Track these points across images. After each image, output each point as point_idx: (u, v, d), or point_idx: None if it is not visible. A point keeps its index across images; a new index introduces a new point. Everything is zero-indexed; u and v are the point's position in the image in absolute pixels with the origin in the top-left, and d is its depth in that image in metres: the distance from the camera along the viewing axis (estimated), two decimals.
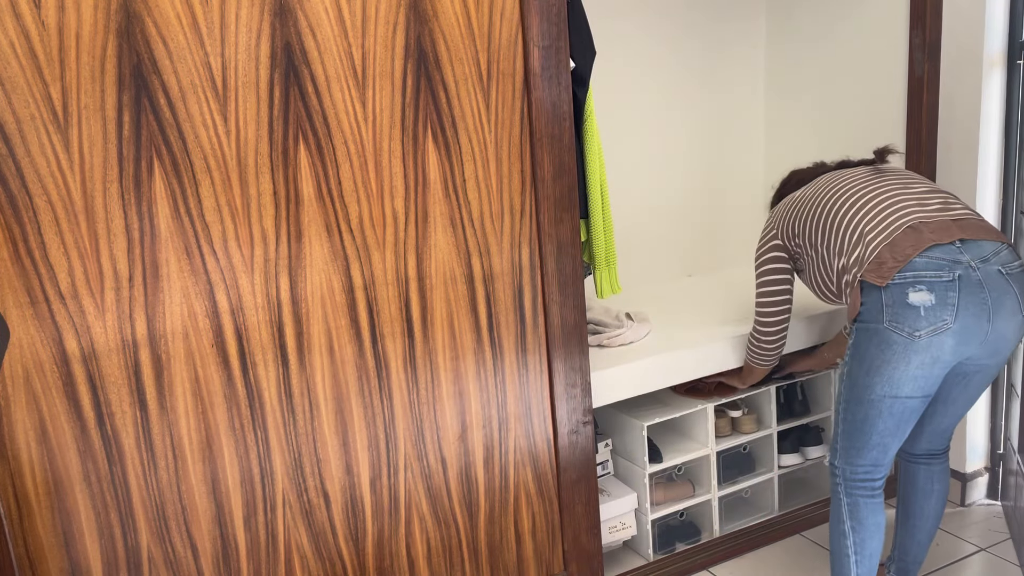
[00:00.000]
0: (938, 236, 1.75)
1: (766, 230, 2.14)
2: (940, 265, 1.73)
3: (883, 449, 1.85)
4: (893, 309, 1.74)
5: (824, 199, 1.98)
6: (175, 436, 1.65)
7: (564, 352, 1.98)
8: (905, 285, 1.74)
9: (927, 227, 1.77)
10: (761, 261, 2.13)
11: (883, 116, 2.55)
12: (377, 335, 1.79)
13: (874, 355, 1.79)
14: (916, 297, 1.72)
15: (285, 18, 1.58)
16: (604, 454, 2.40)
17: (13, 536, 1.57)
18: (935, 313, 1.72)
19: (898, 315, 1.74)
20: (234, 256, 1.64)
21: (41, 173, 1.47)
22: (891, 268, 1.75)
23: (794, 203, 2.08)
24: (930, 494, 2.02)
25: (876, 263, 1.78)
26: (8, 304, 1.49)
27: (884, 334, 1.76)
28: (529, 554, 2.07)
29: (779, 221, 2.10)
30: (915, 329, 1.73)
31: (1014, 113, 2.27)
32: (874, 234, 1.82)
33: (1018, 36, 2.23)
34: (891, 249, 1.77)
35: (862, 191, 1.92)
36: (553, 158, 1.87)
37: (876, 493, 1.89)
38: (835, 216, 1.93)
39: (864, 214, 1.87)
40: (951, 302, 1.71)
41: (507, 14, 1.77)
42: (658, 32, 2.77)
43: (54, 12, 1.43)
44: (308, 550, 1.81)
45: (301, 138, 1.64)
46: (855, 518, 1.89)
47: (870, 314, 1.79)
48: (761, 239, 2.14)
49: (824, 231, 1.95)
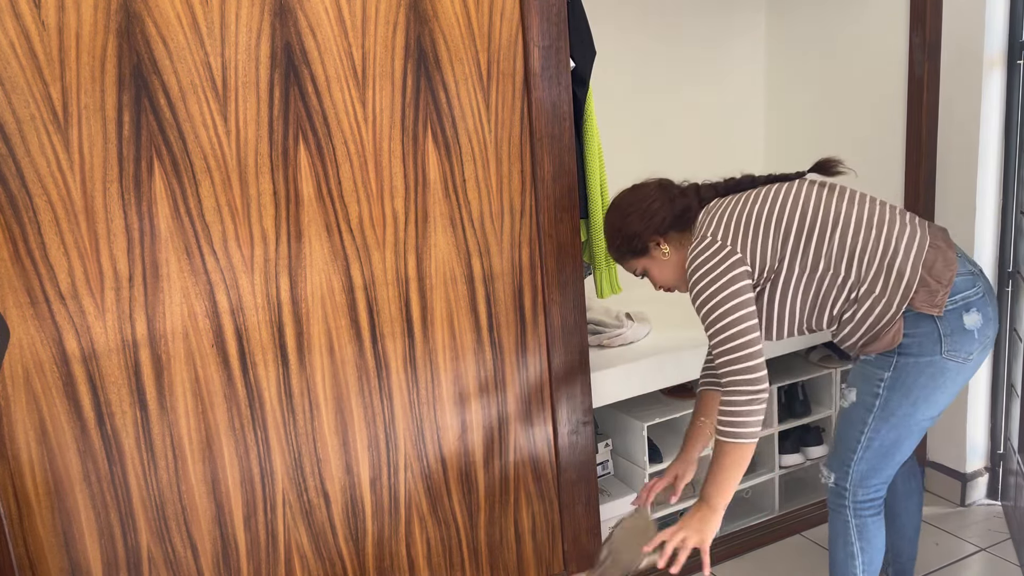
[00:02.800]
0: (952, 249, 1.68)
1: (716, 254, 1.69)
2: (970, 282, 1.66)
3: (898, 465, 1.80)
4: (952, 338, 1.64)
5: (811, 216, 1.70)
6: (175, 436, 1.65)
7: (564, 352, 1.98)
8: (958, 311, 1.64)
9: (936, 240, 1.69)
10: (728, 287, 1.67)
11: (883, 116, 2.55)
12: (377, 335, 1.79)
13: (924, 385, 1.68)
14: (970, 320, 1.65)
15: (285, 18, 1.58)
16: (604, 454, 2.40)
17: (13, 536, 1.57)
18: (983, 332, 1.67)
19: (957, 343, 1.65)
20: (234, 256, 1.64)
21: (41, 173, 1.47)
22: (943, 295, 1.63)
23: (752, 222, 1.71)
24: (911, 492, 2.01)
25: (926, 292, 1.63)
26: (8, 304, 1.49)
27: (939, 364, 1.66)
28: (529, 554, 2.07)
29: (739, 245, 1.70)
30: (970, 352, 1.67)
31: (1014, 113, 2.27)
32: (901, 259, 1.65)
33: (1018, 36, 2.23)
34: (929, 272, 1.64)
35: (850, 205, 1.72)
36: (553, 158, 1.87)
37: (881, 509, 1.84)
38: (838, 235, 1.68)
39: (876, 234, 1.67)
40: (990, 316, 1.68)
41: (507, 14, 1.77)
42: (658, 31, 2.77)
43: (54, 12, 1.43)
44: (308, 550, 1.81)
45: (301, 138, 1.64)
46: (864, 539, 1.82)
47: (922, 348, 1.65)
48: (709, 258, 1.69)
49: (826, 253, 1.68)
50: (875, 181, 2.63)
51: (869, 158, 2.65)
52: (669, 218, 1.80)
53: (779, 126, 2.99)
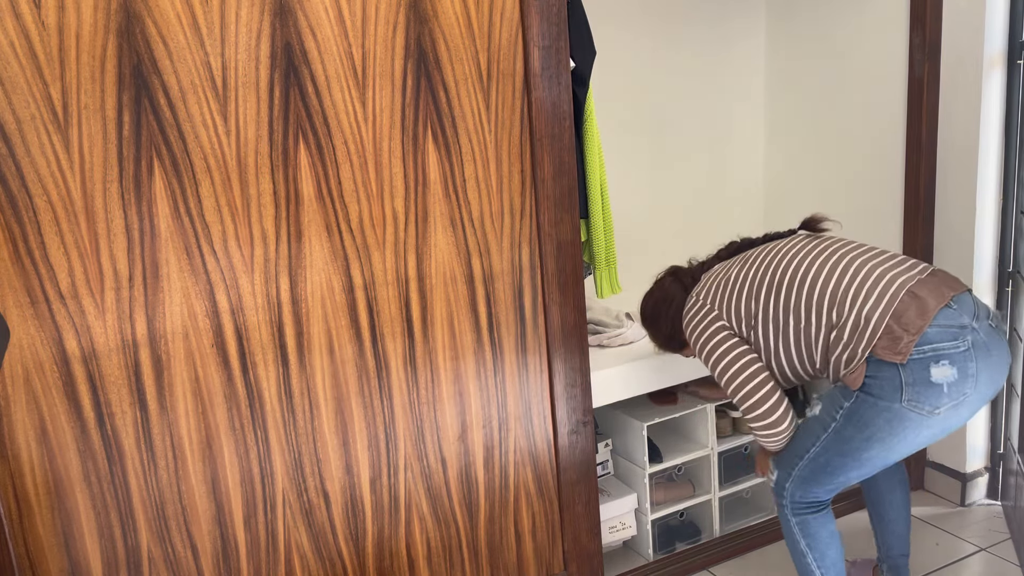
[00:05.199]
0: (936, 299, 1.62)
1: (697, 313, 1.89)
2: (953, 334, 1.61)
3: (844, 485, 1.81)
4: (914, 388, 1.61)
5: (780, 271, 1.78)
6: (175, 436, 1.65)
7: (564, 352, 1.98)
8: (926, 361, 1.60)
9: (922, 290, 1.64)
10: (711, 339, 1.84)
11: (883, 116, 2.55)
12: (377, 335, 1.79)
13: (881, 427, 1.66)
14: (939, 373, 1.60)
15: (285, 18, 1.58)
16: (604, 454, 2.40)
17: (13, 536, 1.57)
18: (957, 388, 1.61)
19: (919, 394, 1.61)
20: (234, 256, 1.64)
21: (41, 173, 1.47)
22: (908, 343, 1.59)
23: (730, 283, 1.86)
24: (894, 487, 2.01)
25: (888, 338, 1.61)
26: (8, 304, 1.49)
27: (899, 412, 1.63)
28: (529, 554, 2.07)
29: (716, 304, 1.86)
30: (936, 407, 1.62)
31: (1014, 113, 2.27)
32: (871, 305, 1.65)
33: (1018, 36, 2.23)
34: (898, 320, 1.61)
35: (827, 257, 1.74)
36: (553, 158, 1.87)
37: (821, 508, 1.85)
38: (807, 288, 1.73)
39: (847, 283, 1.69)
40: (971, 373, 1.61)
41: (507, 14, 1.77)
42: (658, 31, 2.77)
43: (54, 12, 1.43)
44: (308, 550, 1.81)
45: (301, 138, 1.64)
46: (808, 534, 1.86)
47: (882, 391, 1.64)
48: (693, 316, 1.90)
49: (795, 306, 1.73)
50: (875, 181, 2.64)
51: (869, 158, 2.65)
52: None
53: (779, 126, 2.99)
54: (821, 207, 2.85)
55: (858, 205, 2.72)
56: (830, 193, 2.83)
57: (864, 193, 2.69)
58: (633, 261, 2.74)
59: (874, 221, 2.66)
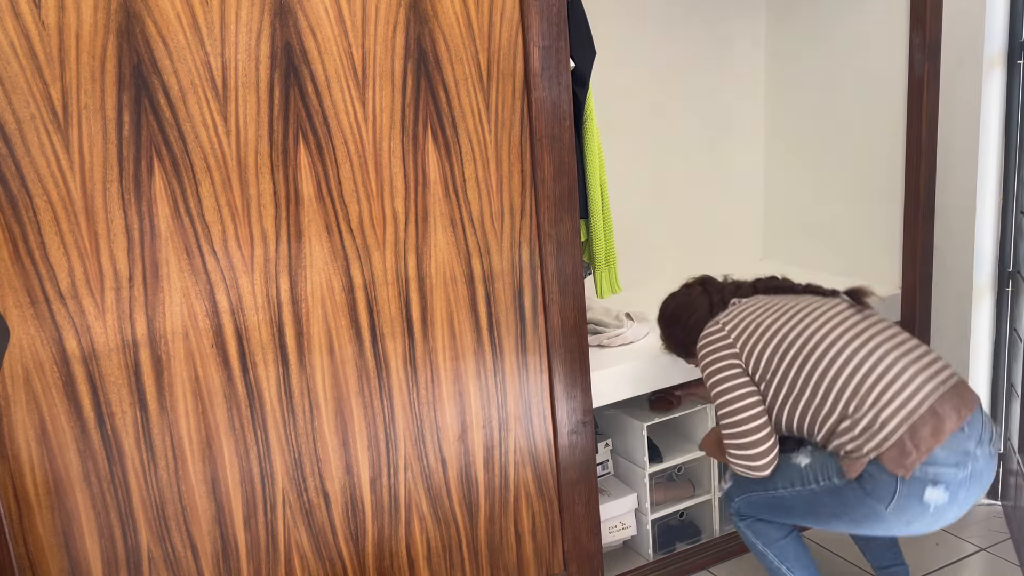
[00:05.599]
0: (952, 421, 1.64)
1: (716, 342, 1.84)
2: (957, 460, 1.64)
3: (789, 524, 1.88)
4: (904, 500, 1.64)
5: (812, 343, 1.75)
6: (175, 436, 1.66)
7: (564, 352, 1.98)
8: (924, 481, 1.63)
9: (943, 406, 1.65)
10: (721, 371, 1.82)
11: (883, 116, 2.55)
12: (377, 335, 1.79)
13: (857, 514, 1.71)
14: (932, 495, 1.64)
15: (285, 18, 1.59)
16: (604, 454, 2.40)
17: (13, 536, 1.57)
18: (941, 509, 1.65)
19: (906, 507, 1.65)
20: (234, 256, 1.64)
21: (41, 173, 1.47)
22: (915, 460, 1.62)
23: (759, 330, 1.81)
24: None
25: (898, 451, 1.62)
26: (8, 304, 1.49)
27: (880, 512, 1.68)
28: (529, 554, 2.07)
29: (739, 344, 1.82)
30: (915, 519, 1.66)
31: (1014, 113, 2.27)
32: (889, 412, 1.64)
33: (1018, 36, 2.23)
34: (912, 436, 1.62)
35: (861, 344, 1.72)
36: (553, 158, 1.87)
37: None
38: (832, 371, 1.71)
39: (874, 380, 1.68)
40: (960, 499, 1.65)
41: (507, 14, 1.77)
42: (658, 31, 2.77)
43: (54, 12, 1.43)
44: (308, 550, 1.81)
45: (301, 138, 1.64)
46: (761, 535, 1.91)
47: (874, 490, 1.67)
48: (711, 342, 1.85)
49: (815, 383, 1.72)
50: (875, 181, 2.64)
51: (869, 158, 2.65)
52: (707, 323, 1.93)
53: (779, 126, 2.99)
54: (821, 207, 2.87)
55: (858, 205, 2.72)
56: (830, 193, 2.83)
57: (864, 193, 2.69)
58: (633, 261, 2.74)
59: (874, 221, 2.66)
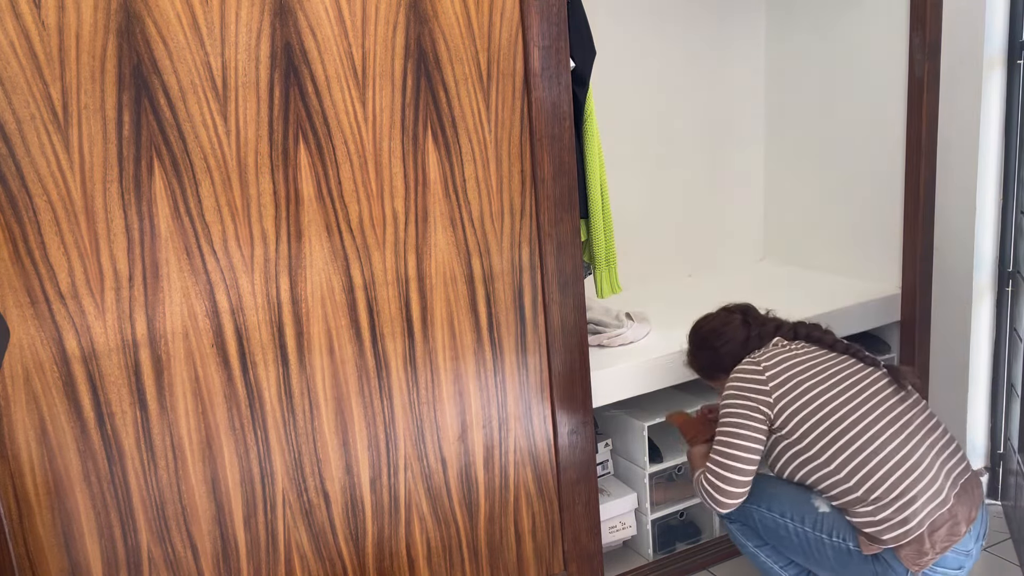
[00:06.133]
0: (967, 521, 1.71)
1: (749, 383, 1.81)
2: (959, 561, 1.73)
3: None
4: None
5: (849, 419, 1.74)
6: (175, 436, 1.65)
7: (564, 352, 1.98)
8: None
9: (959, 507, 1.71)
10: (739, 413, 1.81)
11: (883, 116, 2.55)
12: (377, 335, 1.79)
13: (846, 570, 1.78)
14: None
15: (285, 18, 1.59)
16: (604, 454, 2.40)
17: (13, 536, 1.57)
18: None
19: None
20: (234, 256, 1.64)
21: (41, 173, 1.47)
22: (929, 560, 1.69)
23: (798, 389, 1.78)
24: None
25: (916, 550, 1.68)
26: (8, 304, 1.49)
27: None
28: (529, 554, 2.07)
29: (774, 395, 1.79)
30: None
31: (1014, 113, 2.27)
32: (913, 510, 1.68)
33: (1018, 36, 2.23)
34: (931, 534, 1.68)
35: (896, 431, 1.73)
36: (553, 158, 1.87)
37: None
38: (863, 455, 1.72)
39: (900, 477, 1.69)
40: None
41: (507, 14, 1.77)
42: (658, 31, 2.77)
43: (54, 12, 1.43)
44: (308, 550, 1.81)
45: (301, 138, 1.64)
46: (750, 537, 1.94)
47: (884, 571, 1.73)
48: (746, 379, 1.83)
49: (842, 460, 1.73)
50: (875, 181, 2.64)
51: (869, 158, 2.65)
52: (739, 355, 1.93)
53: (779, 126, 2.99)
54: (821, 207, 2.87)
55: (858, 205, 2.72)
56: (830, 193, 2.83)
57: (864, 193, 2.69)
58: (633, 261, 2.74)
59: (874, 221, 2.66)
